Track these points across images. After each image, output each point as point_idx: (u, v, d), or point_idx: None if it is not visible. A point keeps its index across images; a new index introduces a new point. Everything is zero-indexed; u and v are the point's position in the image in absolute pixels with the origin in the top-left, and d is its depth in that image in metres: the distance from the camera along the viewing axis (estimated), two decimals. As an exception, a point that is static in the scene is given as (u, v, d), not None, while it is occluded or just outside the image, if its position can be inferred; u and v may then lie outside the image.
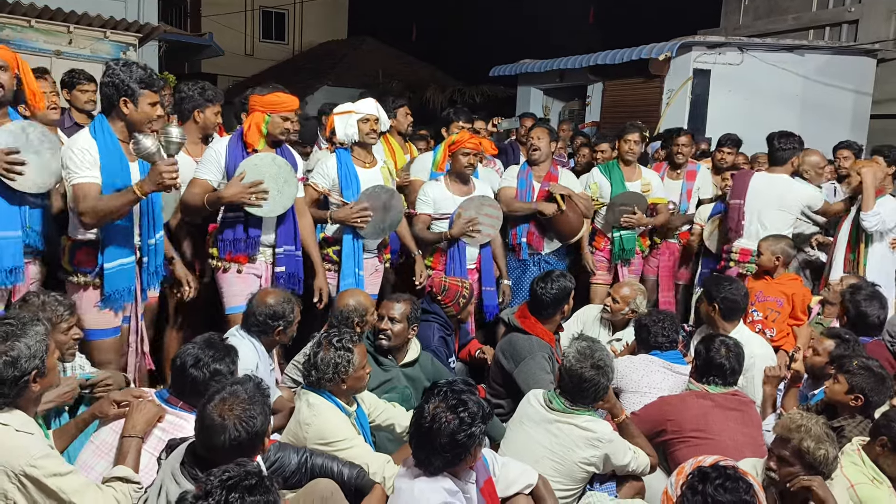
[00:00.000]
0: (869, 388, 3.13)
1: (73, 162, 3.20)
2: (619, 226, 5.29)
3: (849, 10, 11.24)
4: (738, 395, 3.40)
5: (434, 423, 2.38)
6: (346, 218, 4.22)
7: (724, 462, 2.38)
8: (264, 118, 3.88)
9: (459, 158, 4.70)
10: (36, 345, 2.29)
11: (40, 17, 8.46)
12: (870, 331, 4.09)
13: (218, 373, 2.63)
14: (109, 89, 3.23)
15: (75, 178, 3.20)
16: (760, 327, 4.54)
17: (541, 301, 3.88)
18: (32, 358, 2.26)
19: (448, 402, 2.41)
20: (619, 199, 5.30)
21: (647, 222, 5.33)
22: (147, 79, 3.25)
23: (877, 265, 4.99)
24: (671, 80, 9.41)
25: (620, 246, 5.34)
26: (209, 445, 2.20)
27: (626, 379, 3.69)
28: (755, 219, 5.15)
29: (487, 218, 4.75)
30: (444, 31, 20.99)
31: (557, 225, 5.05)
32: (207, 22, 20.86)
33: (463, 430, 2.36)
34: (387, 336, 3.63)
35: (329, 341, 2.98)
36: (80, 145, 3.22)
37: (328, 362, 2.94)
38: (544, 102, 11.94)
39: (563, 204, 4.95)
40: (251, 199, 3.72)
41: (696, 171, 5.92)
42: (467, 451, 2.41)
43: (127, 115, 3.25)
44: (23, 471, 2.17)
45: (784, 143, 5.18)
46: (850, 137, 8.87)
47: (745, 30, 12.48)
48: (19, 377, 2.24)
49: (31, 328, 2.31)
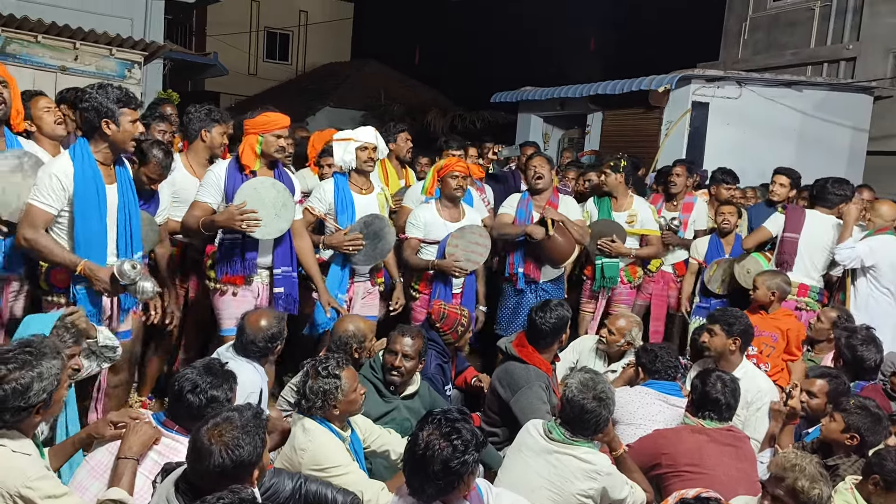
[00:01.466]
0: (865, 427, 3.15)
1: (41, 183, 3.25)
2: (599, 254, 5.34)
3: (847, 48, 11.40)
4: (732, 431, 3.41)
5: (427, 451, 2.38)
6: (338, 245, 4.29)
7: (707, 494, 2.40)
8: (258, 139, 3.95)
9: (449, 182, 4.77)
10: (49, 379, 2.28)
11: (47, 32, 8.55)
12: (866, 374, 4.11)
13: (215, 399, 2.62)
14: (90, 113, 3.28)
15: (33, 199, 3.24)
16: (755, 362, 4.54)
17: (539, 330, 3.89)
18: (41, 392, 2.26)
19: (442, 430, 2.41)
20: (595, 227, 5.39)
21: (626, 251, 5.35)
22: (124, 98, 3.30)
23: (863, 303, 5.02)
24: (670, 112, 9.50)
25: (601, 273, 5.38)
26: (195, 469, 2.19)
27: (622, 410, 3.69)
28: (806, 255, 5.23)
29: (476, 246, 4.78)
30: (447, 55, 21.20)
31: (546, 250, 5.08)
32: (212, 41, 21.06)
33: (456, 457, 2.36)
34: (399, 373, 3.63)
35: (315, 370, 2.99)
36: (56, 170, 3.26)
37: (316, 391, 2.95)
38: (544, 130, 12.03)
39: (551, 228, 4.96)
40: (242, 225, 3.75)
41: (693, 203, 5.97)
42: (460, 478, 2.40)
43: (110, 135, 3.30)
44: (18, 492, 2.17)
45: (837, 189, 5.31)
46: (846, 173, 8.98)
47: (743, 64, 12.64)
48: (24, 408, 2.25)
49: (48, 361, 2.30)
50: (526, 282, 5.20)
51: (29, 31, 8.46)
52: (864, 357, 4.10)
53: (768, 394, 3.97)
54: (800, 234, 5.24)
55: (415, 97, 20.21)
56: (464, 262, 4.72)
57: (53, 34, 8.59)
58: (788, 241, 5.26)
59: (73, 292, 3.32)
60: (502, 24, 21.03)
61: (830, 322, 4.66)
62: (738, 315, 4.15)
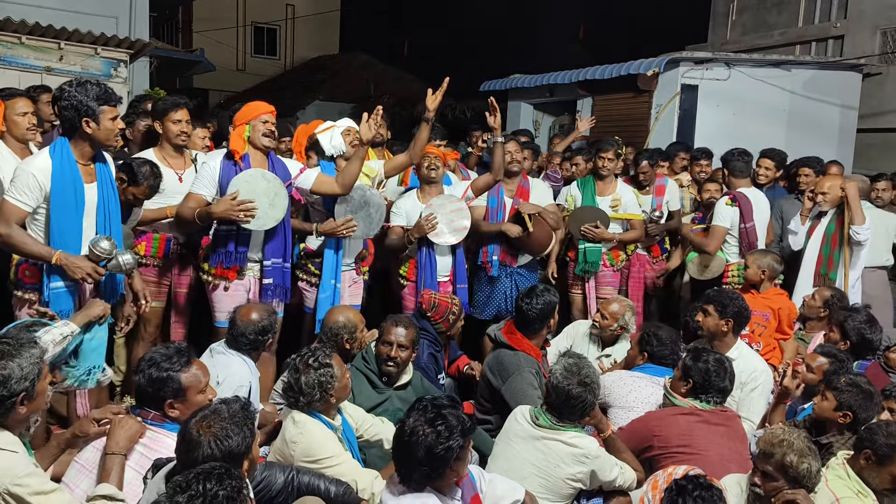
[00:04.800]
0: (857, 405, 3.15)
1: (18, 180, 3.26)
2: (582, 238, 5.34)
3: (834, 26, 11.39)
4: (725, 411, 3.41)
5: (412, 437, 2.39)
6: (332, 231, 4.28)
7: (694, 472, 2.45)
8: (245, 128, 3.99)
9: (421, 164, 4.78)
10: (29, 367, 2.28)
11: (31, 33, 8.47)
12: (868, 353, 4.14)
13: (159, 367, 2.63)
14: (69, 112, 3.25)
15: (9, 196, 3.26)
16: (747, 341, 4.55)
17: (526, 317, 3.89)
18: (23, 380, 2.26)
19: (426, 416, 2.42)
20: (578, 213, 5.40)
21: (610, 236, 5.35)
22: (104, 95, 3.28)
23: (853, 282, 5.05)
24: (659, 96, 9.47)
25: (584, 258, 5.39)
26: (185, 462, 2.20)
27: (614, 394, 3.70)
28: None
29: (454, 213, 4.75)
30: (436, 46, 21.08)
31: (525, 243, 5.05)
32: (199, 37, 20.91)
33: (440, 443, 2.36)
34: (396, 363, 3.63)
35: (306, 363, 2.98)
36: (34, 168, 3.26)
37: (312, 384, 2.94)
38: (534, 117, 11.99)
39: (530, 225, 4.92)
40: (239, 215, 3.78)
41: (665, 186, 6.03)
42: (445, 464, 2.41)
43: (91, 133, 3.29)
44: (7, 489, 2.17)
45: (743, 158, 5.55)
46: (836, 151, 9.01)
47: (732, 45, 12.61)
48: (6, 397, 2.24)
49: (26, 350, 2.31)
50: (500, 266, 5.18)
51: (12, 32, 8.38)
52: (872, 339, 4.15)
53: (763, 374, 3.97)
54: (754, 220, 5.34)
55: (404, 89, 20.09)
56: (451, 233, 4.71)
57: (37, 35, 8.51)
58: (750, 231, 5.36)
59: (45, 291, 3.32)
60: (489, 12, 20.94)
61: (823, 300, 4.68)
62: (734, 297, 4.15)
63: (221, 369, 3.38)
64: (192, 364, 2.69)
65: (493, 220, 5.13)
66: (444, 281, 4.82)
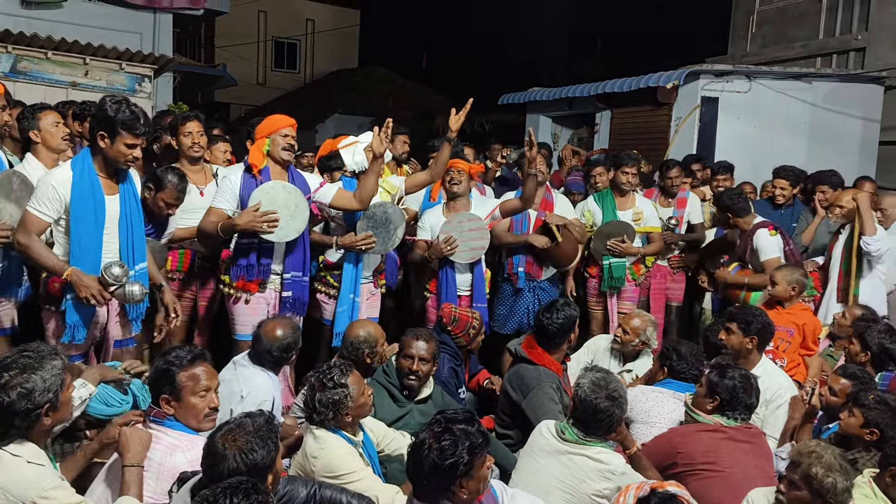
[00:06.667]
0: (885, 422, 3.09)
1: (39, 191, 3.33)
2: (607, 253, 5.31)
3: (856, 38, 11.29)
4: (750, 428, 3.37)
5: (419, 451, 2.38)
6: (351, 244, 4.30)
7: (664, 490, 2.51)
8: (265, 142, 4.02)
9: (444, 178, 4.80)
10: (51, 378, 2.31)
11: (57, 49, 8.65)
12: (890, 364, 4.07)
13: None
14: (93, 122, 3.34)
15: (31, 206, 3.31)
16: (771, 357, 4.50)
17: (547, 331, 3.87)
18: (46, 392, 2.29)
19: (434, 430, 2.41)
20: (605, 228, 5.36)
21: (635, 251, 5.33)
22: (130, 121, 3.27)
23: (868, 296, 4.97)
24: (679, 108, 9.43)
25: (609, 274, 5.35)
26: (210, 475, 2.21)
27: (636, 410, 3.67)
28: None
29: (472, 233, 4.74)
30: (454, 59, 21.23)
31: (553, 254, 5.05)
32: (221, 52, 21.19)
33: (445, 458, 2.33)
34: (417, 377, 3.63)
35: (321, 382, 2.97)
36: (55, 179, 3.31)
37: (326, 403, 2.94)
38: (553, 130, 11.99)
39: (559, 235, 4.92)
40: (263, 227, 3.82)
41: (687, 199, 6.01)
42: (451, 480, 2.37)
43: (103, 149, 3.33)
44: (34, 502, 2.19)
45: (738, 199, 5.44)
46: (858, 164, 8.92)
47: (752, 57, 12.54)
48: (31, 409, 2.27)
49: (48, 362, 2.34)
50: (526, 280, 5.18)
51: (39, 48, 8.55)
52: (892, 349, 4.05)
53: (788, 391, 3.91)
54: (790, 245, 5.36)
55: (424, 102, 20.21)
56: (467, 252, 4.71)
57: (63, 50, 8.68)
58: (795, 252, 5.35)
59: (63, 301, 3.36)
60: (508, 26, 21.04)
61: (853, 318, 4.60)
62: (757, 313, 4.08)
63: (245, 383, 3.40)
64: (196, 366, 2.65)
65: (517, 232, 5.14)
66: (464, 295, 4.82)
